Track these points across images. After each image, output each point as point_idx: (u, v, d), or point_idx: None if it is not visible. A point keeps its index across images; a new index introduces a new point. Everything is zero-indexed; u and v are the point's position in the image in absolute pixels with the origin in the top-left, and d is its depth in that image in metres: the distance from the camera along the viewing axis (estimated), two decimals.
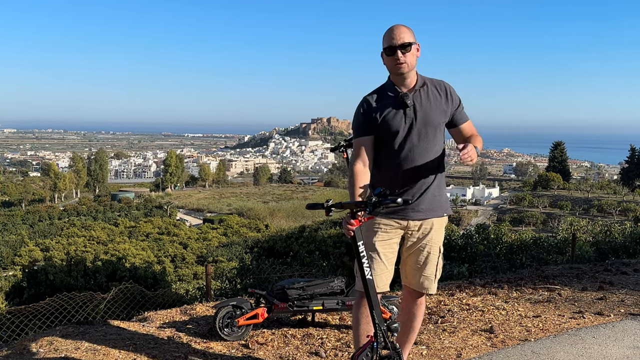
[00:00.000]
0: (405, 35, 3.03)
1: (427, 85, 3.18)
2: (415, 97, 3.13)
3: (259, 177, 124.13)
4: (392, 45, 3.03)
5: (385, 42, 3.07)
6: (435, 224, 3.22)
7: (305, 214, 64.64)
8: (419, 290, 3.29)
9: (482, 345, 4.39)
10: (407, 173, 3.12)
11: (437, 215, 3.22)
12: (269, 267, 9.44)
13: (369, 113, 3.15)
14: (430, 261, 3.24)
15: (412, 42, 3.04)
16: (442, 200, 3.24)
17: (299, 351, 4.27)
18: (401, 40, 3.02)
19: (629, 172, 71.10)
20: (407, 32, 3.05)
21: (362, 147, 3.15)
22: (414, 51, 3.07)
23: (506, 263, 9.24)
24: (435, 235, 3.23)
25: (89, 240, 47.66)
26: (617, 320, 4.98)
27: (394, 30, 3.04)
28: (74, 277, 13.89)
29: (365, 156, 3.14)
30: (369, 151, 3.15)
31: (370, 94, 3.22)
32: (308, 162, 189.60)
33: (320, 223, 41.27)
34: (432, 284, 3.27)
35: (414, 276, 3.27)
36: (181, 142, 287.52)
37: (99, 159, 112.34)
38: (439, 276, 3.31)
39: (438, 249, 3.26)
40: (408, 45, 3.03)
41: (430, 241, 3.22)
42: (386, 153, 3.16)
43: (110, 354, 4.05)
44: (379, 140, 3.16)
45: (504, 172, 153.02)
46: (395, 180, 3.13)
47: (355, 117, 3.21)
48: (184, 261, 37.94)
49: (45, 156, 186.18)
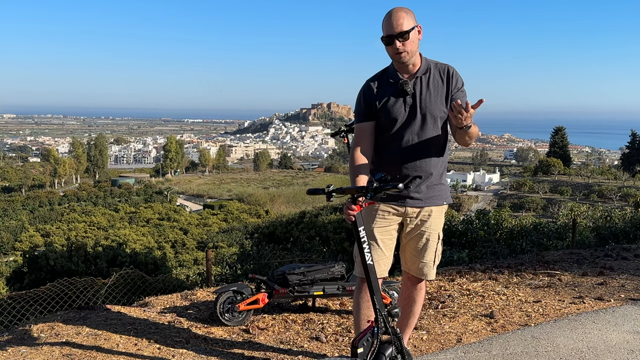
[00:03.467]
0: (404, 22, 2.91)
1: (431, 70, 3.10)
2: (416, 84, 3.07)
3: (259, 163, 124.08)
4: (390, 34, 2.93)
5: (384, 30, 2.96)
6: (434, 212, 3.18)
7: (305, 200, 64.64)
8: (418, 277, 3.28)
9: (482, 330, 4.40)
10: (406, 160, 3.08)
11: (436, 204, 3.18)
12: (269, 253, 9.48)
13: (369, 99, 3.12)
14: (429, 247, 3.21)
15: (410, 28, 2.92)
16: (442, 189, 3.19)
17: (300, 336, 4.28)
18: (399, 28, 2.90)
19: (630, 157, 70.96)
20: (406, 17, 2.93)
21: (363, 132, 3.12)
22: (414, 37, 2.96)
23: (506, 248, 9.26)
24: (434, 222, 3.19)
25: (90, 225, 47.77)
26: (617, 306, 4.98)
27: (391, 17, 2.92)
28: (74, 263, 13.95)
29: (366, 142, 3.11)
30: (370, 137, 3.12)
31: (372, 78, 3.17)
32: (308, 147, 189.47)
33: (321, 209, 41.24)
34: (430, 270, 3.25)
35: (413, 262, 3.26)
36: (181, 127, 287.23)
37: (98, 144, 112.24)
38: (438, 262, 3.29)
39: (437, 236, 3.23)
40: (406, 33, 2.91)
41: (429, 228, 3.19)
42: (386, 139, 3.13)
43: (112, 338, 4.06)
44: (379, 126, 3.12)
45: (505, 157, 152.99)
46: (394, 167, 3.09)
47: (357, 102, 3.18)
48: (184, 247, 38.03)
49: (45, 141, 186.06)
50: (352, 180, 3.03)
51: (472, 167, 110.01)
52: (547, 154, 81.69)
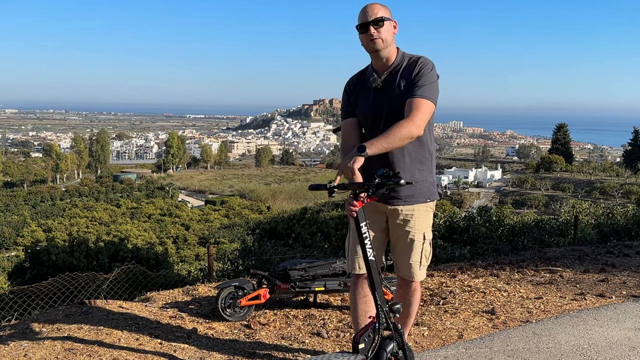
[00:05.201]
0: (379, 11, 2.96)
1: (404, 65, 3.06)
2: (387, 80, 3.06)
3: (260, 159, 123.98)
4: (365, 21, 2.97)
5: (359, 20, 3.00)
6: (417, 210, 3.12)
7: (307, 196, 64.68)
8: (406, 278, 3.22)
9: (483, 327, 4.40)
10: (381, 156, 2.96)
11: (419, 202, 3.12)
12: (271, 249, 9.47)
13: (347, 95, 3.20)
14: (414, 248, 3.15)
15: (385, 17, 2.96)
16: (424, 186, 3.12)
17: (301, 332, 4.28)
18: (374, 16, 2.95)
19: (632, 154, 70.87)
20: (381, 8, 2.98)
21: (347, 128, 3.18)
22: (388, 27, 2.99)
23: (508, 245, 9.25)
24: (417, 221, 3.13)
25: (91, 221, 47.78)
26: (619, 302, 4.98)
27: (366, 8, 2.99)
28: (76, 258, 13.98)
29: (352, 137, 3.15)
30: (354, 132, 3.17)
31: (353, 76, 3.23)
32: (310, 143, 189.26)
33: (322, 205, 41.22)
34: (417, 270, 3.18)
35: (401, 263, 3.22)
36: (183, 123, 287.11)
37: (100, 139, 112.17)
38: (427, 263, 3.22)
39: (422, 236, 3.15)
40: (381, 21, 2.95)
41: (412, 228, 3.13)
42: (365, 135, 3.15)
43: (113, 333, 4.07)
44: (360, 122, 3.18)
45: (507, 154, 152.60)
46: (372, 163, 2.95)
47: (342, 98, 3.26)
48: (186, 242, 38.03)
49: (47, 137, 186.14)
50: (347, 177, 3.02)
51: (474, 164, 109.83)
52: (549, 151, 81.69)
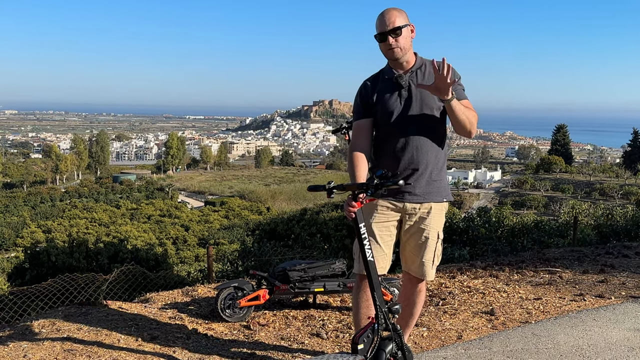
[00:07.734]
0: (397, 19, 2.99)
1: (426, 65, 3.14)
2: (411, 77, 3.11)
3: (260, 160, 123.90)
4: (383, 31, 3.00)
5: (377, 28, 3.04)
6: (433, 209, 3.16)
7: (306, 197, 64.57)
8: (417, 276, 3.23)
9: (482, 327, 4.40)
10: (403, 155, 3.09)
11: (435, 200, 3.16)
12: (270, 250, 9.47)
13: (365, 96, 3.18)
14: (428, 246, 3.18)
15: (403, 25, 3.00)
16: (441, 185, 3.18)
17: (300, 332, 4.28)
18: (392, 25, 2.98)
19: (632, 155, 70.92)
20: (398, 15, 3.00)
21: (360, 129, 3.17)
22: (406, 34, 3.03)
23: (507, 246, 9.26)
24: (433, 220, 3.16)
25: (91, 222, 47.72)
26: (618, 303, 4.98)
27: (384, 16, 3.01)
28: (76, 259, 13.96)
29: (363, 139, 3.14)
30: (368, 134, 3.16)
31: (369, 77, 3.24)
32: (310, 144, 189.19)
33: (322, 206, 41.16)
34: (429, 269, 3.20)
35: (412, 261, 3.23)
36: (182, 124, 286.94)
37: (100, 140, 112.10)
38: (438, 262, 3.25)
39: (436, 235, 3.19)
40: (398, 29, 2.99)
41: (428, 226, 3.16)
42: (384, 135, 3.15)
43: (113, 334, 4.07)
44: (377, 122, 3.16)
45: (506, 155, 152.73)
46: (392, 162, 3.10)
47: (354, 100, 3.25)
48: (185, 243, 38.00)
49: (46, 138, 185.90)
50: (351, 178, 3.05)
51: (474, 165, 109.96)
52: (548, 152, 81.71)
